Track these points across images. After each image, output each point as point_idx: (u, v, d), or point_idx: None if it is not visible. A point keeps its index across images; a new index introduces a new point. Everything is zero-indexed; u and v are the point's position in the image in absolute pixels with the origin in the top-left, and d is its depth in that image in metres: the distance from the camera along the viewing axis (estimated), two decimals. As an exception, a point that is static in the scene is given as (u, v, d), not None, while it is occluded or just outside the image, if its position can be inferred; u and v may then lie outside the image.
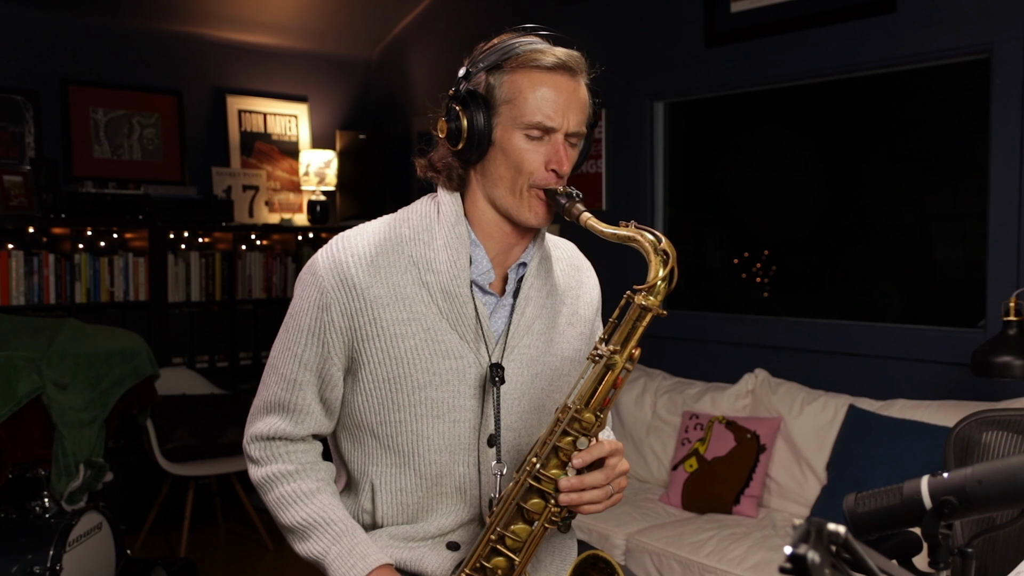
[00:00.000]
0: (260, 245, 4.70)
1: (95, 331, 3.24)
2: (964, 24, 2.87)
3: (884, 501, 1.01)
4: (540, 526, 1.30)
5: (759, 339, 3.46)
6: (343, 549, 1.36)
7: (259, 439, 1.44)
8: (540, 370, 1.45)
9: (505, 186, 1.35)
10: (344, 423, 1.45)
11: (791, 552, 0.65)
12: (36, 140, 4.15)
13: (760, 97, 3.56)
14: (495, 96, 1.33)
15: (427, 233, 1.38)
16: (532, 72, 1.32)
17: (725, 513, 3.02)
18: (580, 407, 1.28)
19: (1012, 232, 2.79)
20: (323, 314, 1.36)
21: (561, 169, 1.34)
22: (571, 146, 1.36)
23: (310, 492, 1.41)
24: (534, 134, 1.32)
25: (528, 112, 1.31)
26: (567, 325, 1.49)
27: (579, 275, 1.55)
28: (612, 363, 1.27)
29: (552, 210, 1.37)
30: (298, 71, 5.00)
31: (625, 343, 1.27)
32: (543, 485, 1.29)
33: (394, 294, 1.35)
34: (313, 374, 1.39)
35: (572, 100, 1.33)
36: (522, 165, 1.33)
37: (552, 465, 1.29)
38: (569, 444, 1.28)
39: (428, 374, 1.36)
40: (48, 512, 2.64)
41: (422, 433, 1.38)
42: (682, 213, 3.92)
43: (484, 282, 1.39)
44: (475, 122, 1.33)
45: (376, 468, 1.42)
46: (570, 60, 1.33)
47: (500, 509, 1.31)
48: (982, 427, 1.81)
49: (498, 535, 1.31)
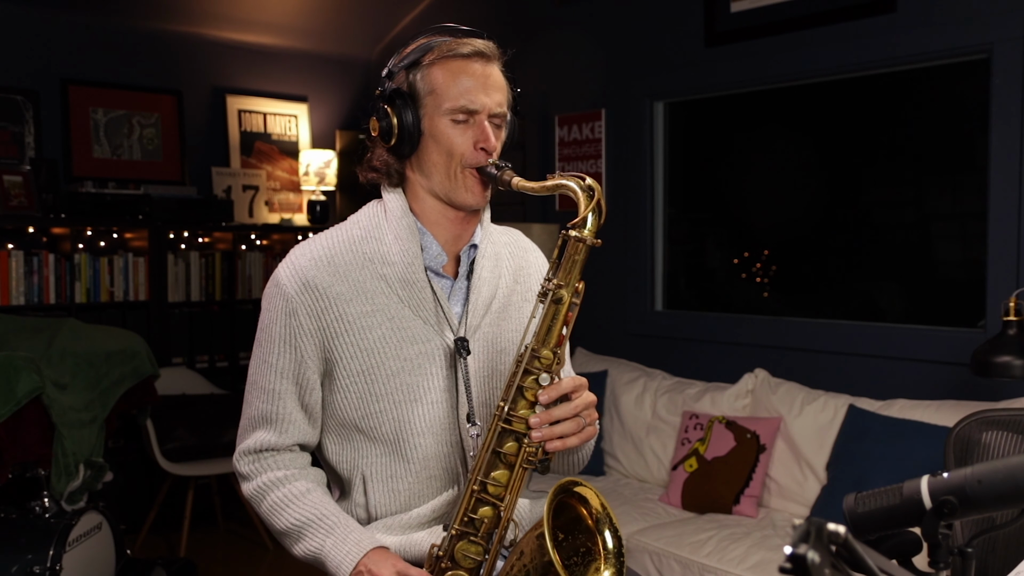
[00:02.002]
0: (260, 245, 4.70)
1: (95, 331, 3.25)
2: (964, 24, 2.87)
3: (884, 501, 1.01)
4: (519, 468, 1.34)
5: (759, 339, 3.47)
6: (337, 539, 1.38)
7: (248, 453, 1.48)
8: (504, 346, 1.50)
9: (440, 172, 1.42)
10: (329, 426, 1.48)
11: (791, 552, 0.65)
12: (36, 140, 4.15)
13: (760, 97, 3.56)
14: (418, 90, 1.41)
15: (377, 230, 1.44)
16: (449, 62, 1.40)
17: (725, 513, 3.02)
18: (537, 345, 1.33)
19: (1012, 232, 2.79)
20: (291, 320, 1.41)
21: (488, 145, 1.40)
22: (496, 127, 1.43)
23: (300, 493, 1.44)
24: (459, 118, 1.39)
25: (451, 98, 1.39)
26: (522, 302, 1.55)
27: (526, 256, 1.61)
28: (559, 297, 1.32)
29: (487, 187, 1.44)
30: (298, 71, 5.00)
31: (568, 277, 1.33)
32: (515, 426, 1.33)
33: (355, 289, 1.41)
34: (291, 382, 1.44)
35: (489, 82, 1.41)
36: (452, 148, 1.40)
37: (520, 406, 1.33)
38: (532, 383, 1.33)
39: (399, 360, 1.41)
40: (48, 512, 2.64)
41: (403, 419, 1.42)
42: (682, 213, 3.92)
43: (437, 266, 1.45)
44: (404, 117, 1.40)
45: (366, 460, 1.45)
46: (483, 47, 1.42)
47: (478, 458, 1.35)
48: (982, 427, 1.81)
49: (480, 484, 1.33)
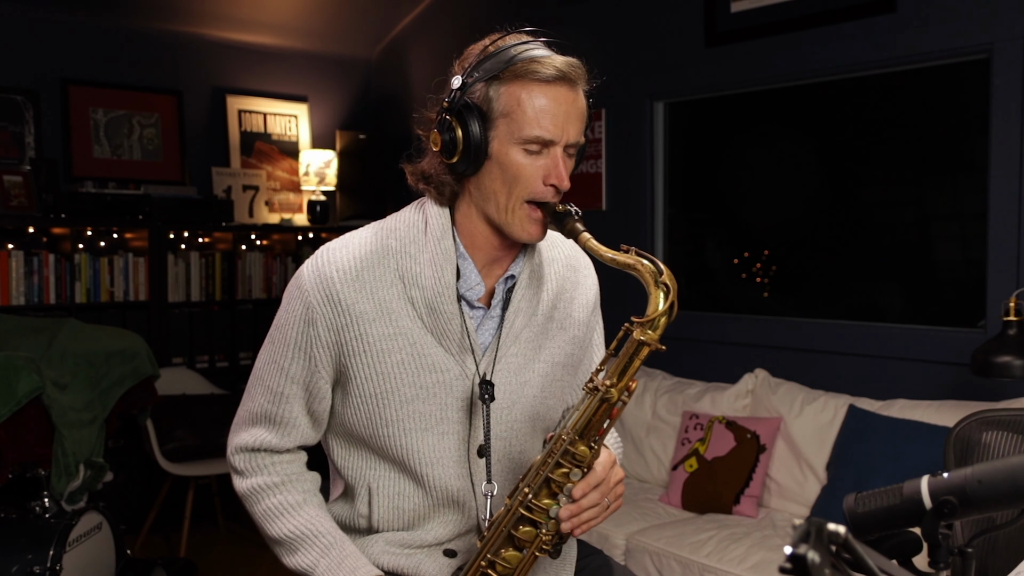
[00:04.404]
0: (260, 245, 4.70)
1: (95, 331, 3.25)
2: (964, 24, 2.87)
3: (884, 501, 1.01)
4: (531, 553, 1.30)
5: (759, 339, 3.46)
6: (332, 561, 1.35)
7: (244, 450, 1.44)
8: (529, 378, 1.43)
9: (499, 200, 1.31)
10: (337, 431, 1.45)
11: (791, 552, 0.65)
12: (36, 140, 4.15)
13: (760, 97, 3.56)
14: (492, 108, 1.29)
15: (414, 246, 1.35)
16: (531, 84, 1.27)
17: (725, 513, 3.02)
18: (574, 438, 1.25)
19: (1012, 232, 2.79)
20: (309, 329, 1.35)
21: (561, 185, 1.30)
22: (568, 156, 1.32)
23: (296, 504, 1.41)
24: (532, 148, 1.28)
25: (527, 126, 1.27)
26: (558, 330, 1.47)
27: (575, 276, 1.51)
28: (608, 396, 1.24)
29: (546, 227, 1.34)
30: (298, 71, 5.00)
31: (621, 376, 1.24)
32: (535, 515, 1.28)
33: (380, 309, 1.33)
34: (300, 387, 1.38)
35: (571, 112, 1.29)
36: (519, 179, 1.29)
37: (543, 495, 1.28)
38: (562, 476, 1.26)
39: (415, 388, 1.35)
40: (48, 512, 2.64)
41: (411, 446, 1.37)
42: (682, 213, 3.92)
43: (473, 297, 1.37)
44: (471, 134, 1.28)
45: (373, 473, 1.42)
46: (570, 71, 1.29)
47: (491, 535, 1.31)
48: (982, 427, 1.81)
49: (488, 561, 1.30)
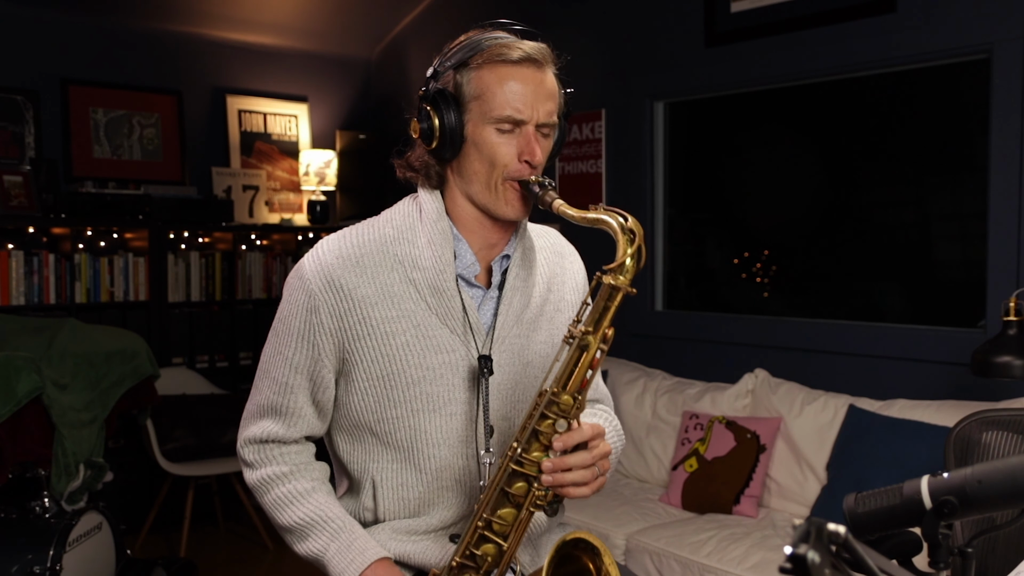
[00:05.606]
0: (260, 245, 4.70)
1: (95, 331, 3.25)
2: (964, 24, 2.87)
3: (884, 501, 1.01)
4: (526, 510, 1.31)
5: (759, 339, 3.46)
6: (341, 545, 1.37)
7: (253, 442, 1.46)
8: (531, 358, 1.46)
9: (481, 181, 1.37)
10: (341, 424, 1.46)
11: (791, 552, 0.65)
12: (36, 140, 4.15)
13: (760, 97, 3.56)
14: (464, 93, 1.36)
15: (410, 232, 1.40)
16: (498, 67, 1.34)
17: (725, 513, 3.02)
18: (557, 390, 1.28)
19: (1012, 232, 2.79)
20: (312, 317, 1.37)
21: (534, 160, 1.35)
22: (543, 136, 1.37)
23: (306, 492, 1.43)
24: (505, 127, 1.34)
25: (497, 106, 1.33)
26: (555, 312, 1.51)
27: (562, 261, 1.56)
28: (585, 343, 1.27)
29: (528, 201, 1.38)
30: (298, 71, 5.00)
31: (598, 323, 1.28)
32: (526, 468, 1.29)
33: (382, 293, 1.37)
34: (305, 377, 1.41)
35: (540, 91, 1.35)
36: (495, 159, 1.35)
37: (534, 449, 1.30)
38: (549, 427, 1.29)
39: (421, 369, 1.38)
40: (48, 512, 2.64)
41: (420, 428, 1.39)
42: (682, 213, 3.92)
43: (470, 275, 1.41)
44: (446, 120, 1.36)
45: (377, 465, 1.43)
46: (536, 52, 1.35)
47: (486, 495, 1.32)
48: (982, 427, 1.81)
49: (485, 521, 1.31)
